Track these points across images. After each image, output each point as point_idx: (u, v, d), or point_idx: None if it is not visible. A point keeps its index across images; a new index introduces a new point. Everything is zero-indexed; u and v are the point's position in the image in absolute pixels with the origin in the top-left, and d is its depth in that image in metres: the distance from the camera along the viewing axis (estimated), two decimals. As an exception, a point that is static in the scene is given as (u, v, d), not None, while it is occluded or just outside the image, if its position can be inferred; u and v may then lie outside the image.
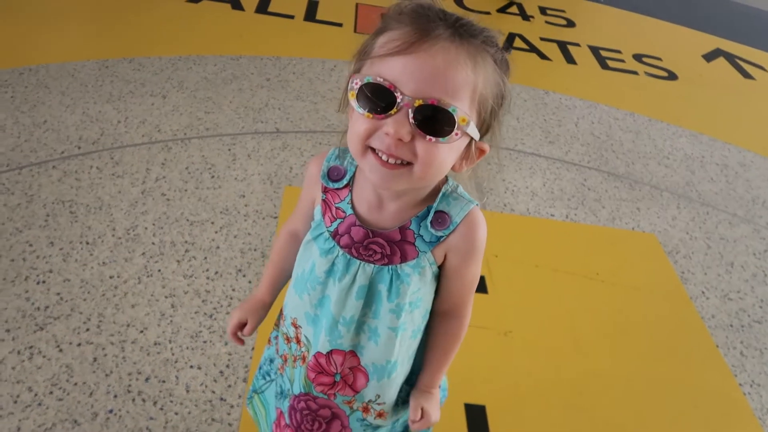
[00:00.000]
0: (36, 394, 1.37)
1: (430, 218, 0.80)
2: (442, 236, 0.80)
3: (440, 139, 0.68)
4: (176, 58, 2.73)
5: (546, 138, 2.72)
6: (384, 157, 0.70)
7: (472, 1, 4.08)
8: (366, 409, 0.95)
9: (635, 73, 3.57)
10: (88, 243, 1.75)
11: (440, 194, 0.81)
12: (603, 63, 3.60)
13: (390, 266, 0.82)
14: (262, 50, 2.94)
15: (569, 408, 1.59)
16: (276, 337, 1.04)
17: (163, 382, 1.44)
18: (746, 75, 3.91)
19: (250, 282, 1.73)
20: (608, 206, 2.35)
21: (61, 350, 1.47)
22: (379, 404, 0.94)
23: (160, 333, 1.55)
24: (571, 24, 4.10)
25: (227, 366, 1.50)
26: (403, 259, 0.81)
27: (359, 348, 0.89)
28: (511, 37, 3.64)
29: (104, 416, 1.36)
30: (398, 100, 0.66)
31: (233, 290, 1.69)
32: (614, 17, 4.51)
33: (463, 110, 0.68)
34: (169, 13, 3.14)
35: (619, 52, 3.80)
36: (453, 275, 0.86)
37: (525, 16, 4.05)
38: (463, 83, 0.68)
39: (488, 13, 3.95)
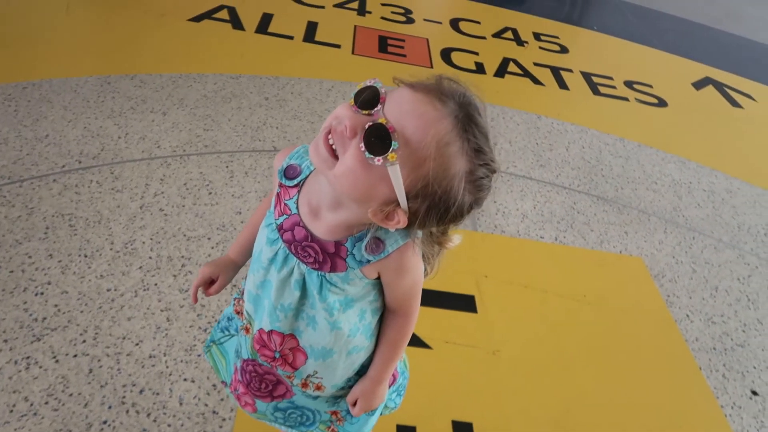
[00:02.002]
0: (32, 404, 1.40)
1: (365, 242, 0.83)
2: (371, 260, 0.84)
3: (366, 153, 0.71)
4: (177, 76, 2.78)
5: (537, 161, 2.78)
6: (329, 138, 0.74)
7: (469, 26, 4.17)
8: (305, 385, 1.02)
9: (626, 99, 3.65)
10: (86, 256, 1.79)
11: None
12: (595, 89, 3.68)
13: (319, 272, 0.87)
14: (262, 70, 3.00)
15: (555, 427, 1.63)
16: (236, 299, 1.12)
17: (157, 394, 1.47)
18: (735, 103, 4.00)
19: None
20: (597, 229, 2.41)
21: (57, 361, 1.49)
22: (317, 378, 1.00)
23: (155, 346, 1.58)
24: (564, 50, 4.19)
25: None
26: (333, 269, 0.86)
27: (298, 331, 0.95)
28: (505, 62, 3.72)
29: (98, 427, 1.38)
30: (375, 109, 0.73)
31: (228, 304, 1.72)
32: (607, 44, 4.61)
33: (403, 156, 0.71)
34: (170, 31, 3.20)
35: (610, 78, 3.88)
36: (388, 287, 0.92)
37: (519, 42, 4.13)
38: (421, 143, 0.71)
39: (484, 38, 4.03)
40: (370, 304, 0.95)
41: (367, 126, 0.72)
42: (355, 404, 1.05)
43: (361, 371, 1.04)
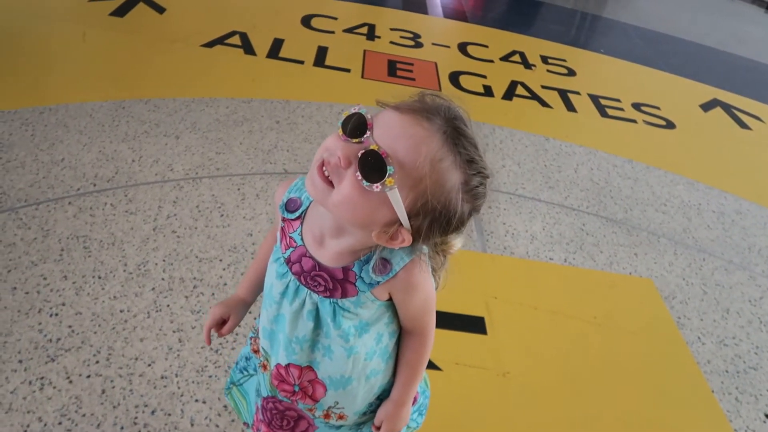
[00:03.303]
0: (45, 425, 1.41)
1: (372, 264, 0.84)
2: (380, 281, 0.85)
3: (364, 181, 0.72)
4: (190, 100, 2.84)
5: (546, 183, 2.79)
6: (324, 169, 0.76)
7: (477, 50, 4.22)
8: (327, 416, 1.02)
9: (634, 121, 3.67)
10: (100, 277, 1.81)
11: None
12: (602, 111, 3.71)
13: (331, 299, 0.88)
14: (273, 94, 3.05)
15: (566, 450, 1.62)
16: (251, 338, 1.12)
17: (169, 415, 1.48)
18: (743, 125, 4.01)
19: (255, 318, 1.77)
20: (606, 251, 2.41)
21: (71, 382, 1.51)
22: (339, 408, 1.00)
23: (167, 367, 1.59)
24: (572, 73, 4.23)
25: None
26: (344, 295, 0.87)
27: (315, 363, 0.95)
28: (513, 85, 3.76)
29: (110, 447, 1.39)
30: (364, 136, 0.74)
31: (239, 326, 1.74)
32: (614, 67, 4.65)
33: (400, 179, 0.72)
34: (184, 56, 3.27)
35: (618, 100, 3.91)
36: (401, 307, 0.92)
37: (527, 65, 4.18)
38: (415, 163, 0.72)
39: (491, 61, 4.08)
40: (386, 326, 0.95)
41: (360, 154, 0.72)
42: (379, 429, 1.04)
43: (382, 395, 1.04)
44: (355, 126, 0.75)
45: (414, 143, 0.72)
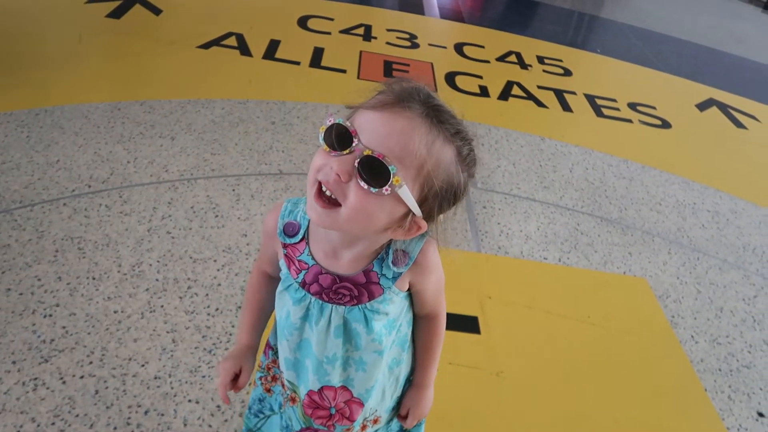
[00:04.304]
0: (39, 425, 1.41)
1: (390, 258, 0.86)
2: (402, 272, 0.87)
3: (372, 188, 0.72)
4: (185, 102, 2.84)
5: (541, 183, 2.80)
6: (324, 189, 0.76)
7: (473, 51, 4.23)
8: (364, 427, 1.02)
9: (630, 121, 3.68)
10: (94, 278, 1.82)
11: None
12: (598, 111, 3.72)
13: (360, 305, 0.88)
14: (269, 95, 3.06)
15: (558, 449, 1.62)
16: (261, 378, 1.10)
17: (162, 415, 1.48)
18: (738, 124, 4.02)
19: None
20: (600, 250, 2.41)
21: (64, 382, 1.51)
22: (373, 414, 1.02)
23: (161, 367, 1.60)
24: (567, 73, 4.24)
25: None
26: (371, 297, 0.87)
27: (349, 381, 0.95)
28: (509, 85, 3.77)
29: (103, 448, 1.40)
30: (353, 144, 0.73)
31: (233, 326, 1.74)
32: (610, 67, 4.66)
33: (403, 175, 0.73)
34: (180, 58, 3.27)
35: (614, 100, 3.92)
36: (420, 291, 0.93)
37: (523, 65, 4.19)
38: (412, 154, 0.73)
39: (488, 61, 4.09)
40: (405, 315, 0.96)
41: (357, 163, 0.72)
42: (406, 416, 1.06)
43: (406, 387, 1.06)
44: (340, 137, 0.74)
45: (404, 136, 0.73)
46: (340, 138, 0.74)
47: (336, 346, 0.90)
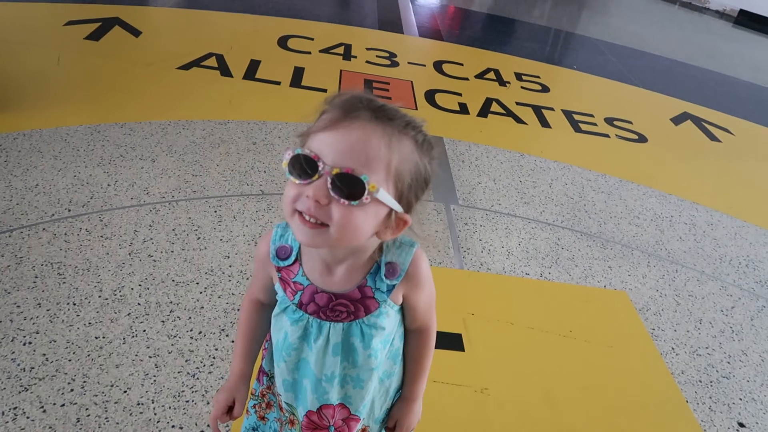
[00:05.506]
0: (18, 456, 1.39)
1: (382, 272, 0.89)
2: (396, 284, 0.90)
3: (352, 202, 0.75)
4: (166, 123, 2.84)
5: (521, 199, 2.83)
6: (306, 217, 0.77)
7: (452, 68, 4.28)
8: None
9: (607, 136, 3.74)
10: (74, 304, 1.80)
11: (384, 248, 0.90)
12: (576, 126, 3.78)
13: (357, 321, 0.90)
14: (250, 115, 3.07)
15: (544, 465, 1.63)
16: (254, 405, 1.11)
17: (145, 442, 1.47)
18: (713, 137, 4.11)
19: (233, 341, 1.77)
20: (581, 265, 2.44)
21: (44, 411, 1.49)
22: (362, 425, 1.04)
23: (143, 393, 1.58)
24: (545, 89, 4.31)
25: (208, 425, 1.52)
26: (367, 311, 0.90)
27: (347, 399, 0.97)
28: (488, 102, 3.82)
29: (85, 477, 1.37)
30: (320, 168, 0.75)
31: (216, 349, 1.73)
32: (587, 83, 4.75)
33: (376, 179, 0.76)
34: (160, 79, 3.27)
35: (591, 116, 3.99)
36: (412, 304, 0.96)
37: (501, 82, 4.25)
38: (376, 157, 0.76)
39: (467, 79, 4.14)
40: (398, 330, 0.99)
41: (329, 184, 0.75)
42: (394, 428, 1.08)
43: (395, 400, 1.08)
44: (304, 166, 0.77)
45: (363, 144, 0.76)
46: (305, 167, 0.77)
47: (334, 363, 0.92)
